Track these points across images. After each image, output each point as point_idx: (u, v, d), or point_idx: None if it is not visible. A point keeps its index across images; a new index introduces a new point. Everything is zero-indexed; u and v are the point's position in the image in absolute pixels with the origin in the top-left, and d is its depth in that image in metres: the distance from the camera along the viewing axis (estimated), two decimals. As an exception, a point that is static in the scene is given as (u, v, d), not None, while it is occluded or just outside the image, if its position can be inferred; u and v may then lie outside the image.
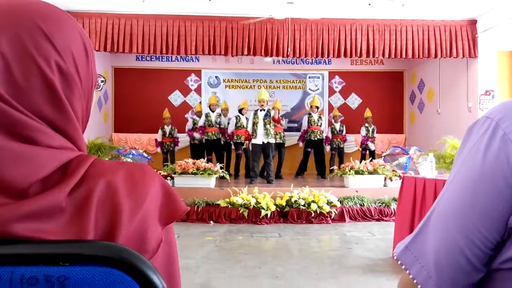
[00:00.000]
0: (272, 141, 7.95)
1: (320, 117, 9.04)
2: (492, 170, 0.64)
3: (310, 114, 9.11)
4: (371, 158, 8.36)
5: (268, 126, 7.86)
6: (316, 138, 8.88)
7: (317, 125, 8.92)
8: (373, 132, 9.66)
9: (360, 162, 7.40)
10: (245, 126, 8.46)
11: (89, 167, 0.53)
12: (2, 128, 0.50)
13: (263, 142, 7.83)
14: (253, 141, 7.90)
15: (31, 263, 0.46)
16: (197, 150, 9.20)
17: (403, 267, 0.72)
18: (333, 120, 9.89)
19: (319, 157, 9.06)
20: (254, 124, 7.91)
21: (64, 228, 0.48)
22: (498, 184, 0.64)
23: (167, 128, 9.36)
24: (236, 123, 8.64)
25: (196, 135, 9.17)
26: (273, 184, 7.51)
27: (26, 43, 0.53)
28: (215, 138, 8.92)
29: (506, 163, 0.63)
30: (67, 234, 0.48)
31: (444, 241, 0.67)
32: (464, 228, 0.66)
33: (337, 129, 9.65)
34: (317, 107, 9.17)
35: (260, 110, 7.97)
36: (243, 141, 8.49)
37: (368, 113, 9.76)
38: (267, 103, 8.08)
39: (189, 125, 9.39)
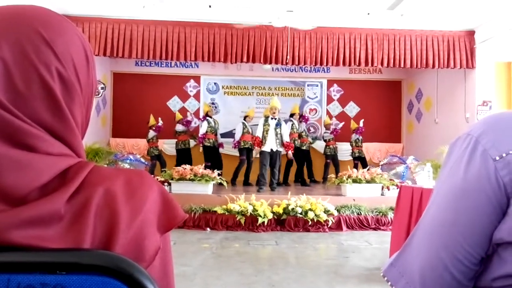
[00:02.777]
0: (281, 150, 7.93)
1: (293, 124, 9.16)
2: (474, 186, 0.65)
3: (292, 122, 9.19)
4: (368, 167, 8.36)
5: (279, 135, 7.85)
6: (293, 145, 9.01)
7: (296, 133, 9.08)
8: (360, 141, 9.72)
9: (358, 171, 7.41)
10: (250, 132, 8.50)
11: (88, 174, 0.53)
12: (2, 135, 0.50)
13: (271, 150, 7.80)
14: (262, 148, 7.85)
15: (28, 271, 0.45)
16: (183, 156, 9.20)
17: (389, 283, 0.72)
18: (324, 128, 10.00)
19: (300, 165, 9.24)
20: (264, 131, 7.87)
21: (62, 235, 0.48)
22: (480, 200, 0.64)
23: (152, 134, 9.38)
24: (243, 129, 8.66)
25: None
26: (270, 192, 7.50)
27: (27, 49, 0.53)
28: (211, 145, 8.93)
29: (487, 179, 0.64)
30: (65, 241, 0.48)
31: (428, 258, 0.68)
32: (447, 244, 0.66)
33: (328, 137, 9.72)
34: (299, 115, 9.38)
35: (272, 118, 7.91)
36: (250, 147, 8.50)
37: (353, 125, 9.87)
38: (278, 112, 8.04)
39: (203, 129, 9.01)
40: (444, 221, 0.68)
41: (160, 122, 9.42)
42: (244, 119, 8.90)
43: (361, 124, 9.70)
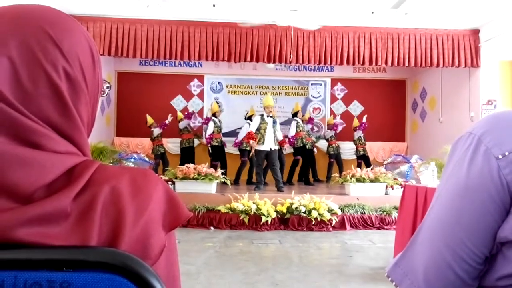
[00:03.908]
0: (277, 148, 7.90)
1: (298, 123, 9.06)
2: (476, 185, 0.65)
3: (296, 121, 9.15)
4: (372, 166, 8.35)
5: (276, 133, 7.81)
6: (301, 145, 8.92)
7: (302, 131, 9.01)
8: (363, 139, 9.72)
9: (361, 170, 7.40)
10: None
11: (93, 172, 0.53)
12: (9, 133, 0.50)
13: (270, 149, 7.75)
14: (260, 147, 7.76)
15: (35, 268, 0.46)
16: (187, 155, 9.24)
17: (394, 283, 0.72)
18: (326, 127, 10.01)
19: (304, 164, 9.21)
20: (261, 129, 7.79)
21: (69, 233, 0.48)
22: (483, 199, 0.64)
23: (157, 131, 9.41)
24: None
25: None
26: (274, 191, 7.49)
27: (34, 49, 0.53)
28: (218, 144, 8.95)
29: (490, 177, 0.64)
30: (71, 239, 0.48)
31: (432, 257, 0.68)
32: (451, 243, 0.66)
33: (329, 136, 9.72)
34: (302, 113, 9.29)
35: (268, 116, 7.86)
36: (250, 149, 8.53)
37: (355, 123, 9.88)
38: (273, 109, 8.02)
39: (210, 130, 8.99)
40: (447, 220, 0.68)
41: (169, 119, 9.45)
42: (250, 119, 8.89)
43: (364, 120, 9.69)
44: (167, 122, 9.46)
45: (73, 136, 0.55)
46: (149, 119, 9.50)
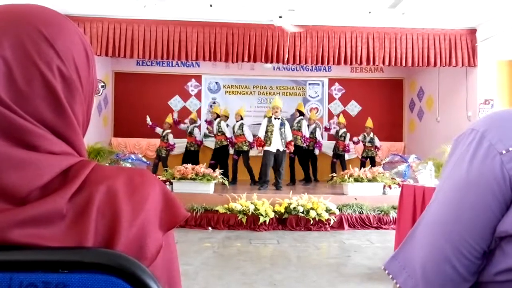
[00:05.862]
0: (286, 149, 7.95)
1: (299, 122, 8.98)
2: (478, 180, 0.65)
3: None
4: (370, 166, 8.36)
5: (283, 135, 7.84)
6: (296, 144, 8.79)
7: (298, 131, 8.88)
8: (371, 141, 9.66)
9: (360, 169, 7.40)
10: (239, 133, 8.55)
11: (89, 172, 0.53)
12: (4, 134, 0.50)
13: (277, 150, 7.81)
14: (267, 148, 7.83)
15: (30, 270, 0.45)
16: (190, 157, 9.25)
17: (390, 276, 0.72)
18: (338, 127, 9.93)
19: (302, 163, 9.15)
20: (268, 131, 7.85)
21: (64, 234, 0.48)
22: (484, 194, 0.65)
23: (165, 132, 9.39)
24: (232, 129, 8.75)
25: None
26: (272, 191, 7.51)
27: (28, 48, 0.53)
28: (218, 146, 8.94)
29: (492, 172, 0.64)
30: (67, 240, 0.48)
31: (431, 250, 0.68)
32: (450, 238, 0.66)
33: (339, 135, 9.68)
34: (301, 112, 9.20)
35: (275, 118, 7.90)
36: (238, 148, 8.58)
37: (369, 123, 9.78)
38: (280, 111, 8.03)
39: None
40: (447, 214, 0.68)
41: (148, 121, 9.38)
42: (241, 118, 8.96)
43: (350, 144, 9.71)
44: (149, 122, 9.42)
45: (69, 136, 0.55)
46: (168, 118, 9.41)
